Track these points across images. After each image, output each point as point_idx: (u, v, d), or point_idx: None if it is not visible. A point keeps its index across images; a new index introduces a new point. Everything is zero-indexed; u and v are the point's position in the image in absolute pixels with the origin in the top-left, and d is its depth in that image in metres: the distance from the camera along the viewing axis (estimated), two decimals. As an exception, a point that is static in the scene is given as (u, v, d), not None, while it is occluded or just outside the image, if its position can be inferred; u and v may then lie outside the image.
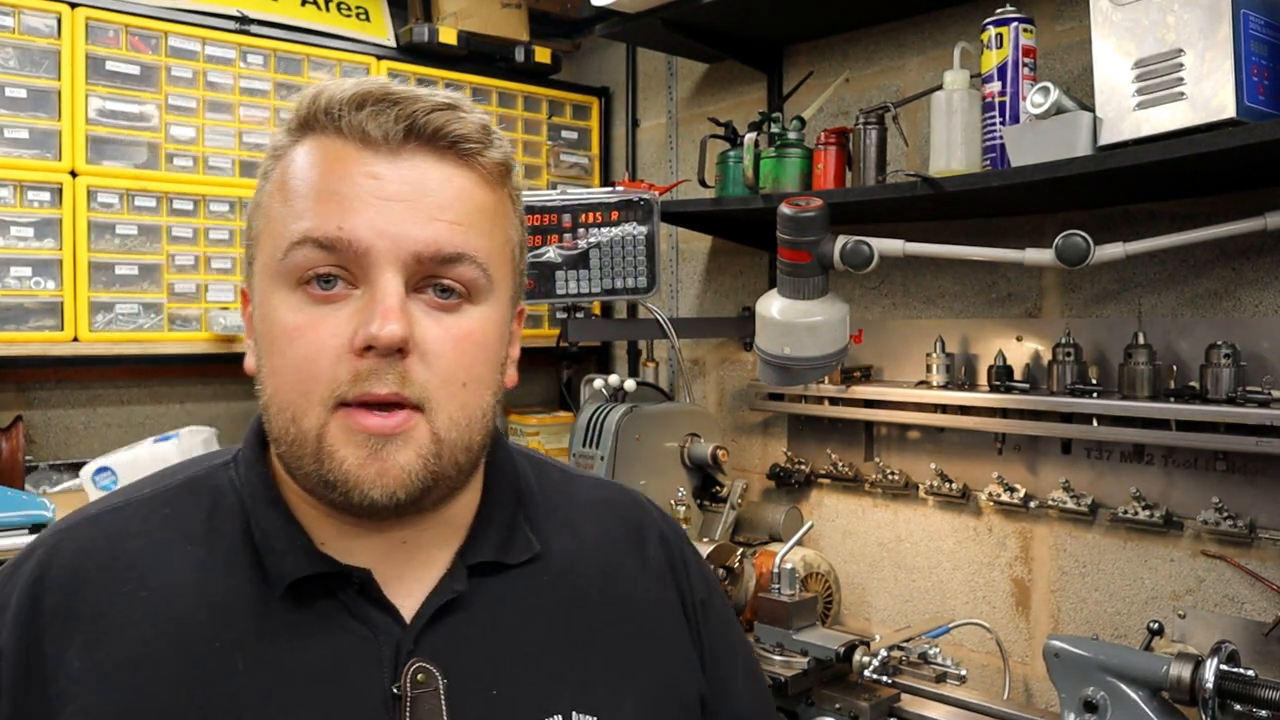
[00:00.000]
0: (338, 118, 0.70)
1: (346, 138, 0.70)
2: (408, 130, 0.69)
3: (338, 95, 0.70)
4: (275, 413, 0.70)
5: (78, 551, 0.73)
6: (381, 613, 0.72)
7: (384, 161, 0.69)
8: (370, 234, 0.68)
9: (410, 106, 0.69)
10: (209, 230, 2.32)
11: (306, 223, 0.68)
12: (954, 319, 2.09)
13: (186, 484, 0.78)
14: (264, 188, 0.74)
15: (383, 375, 0.67)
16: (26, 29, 2.10)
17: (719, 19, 2.29)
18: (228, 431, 2.55)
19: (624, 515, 0.90)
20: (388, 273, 0.68)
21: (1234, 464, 1.66)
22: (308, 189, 0.69)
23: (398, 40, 2.62)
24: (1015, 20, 1.67)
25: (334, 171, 0.69)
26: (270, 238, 0.71)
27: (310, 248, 0.68)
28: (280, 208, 0.71)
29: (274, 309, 0.70)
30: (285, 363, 0.69)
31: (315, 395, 0.68)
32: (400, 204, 0.69)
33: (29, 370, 2.29)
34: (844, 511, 2.30)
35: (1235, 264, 1.69)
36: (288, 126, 0.73)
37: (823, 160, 2.01)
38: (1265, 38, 1.38)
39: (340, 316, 0.68)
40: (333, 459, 0.68)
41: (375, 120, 0.69)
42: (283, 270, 0.69)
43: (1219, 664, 1.35)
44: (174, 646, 0.69)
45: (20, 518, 1.84)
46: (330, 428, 0.68)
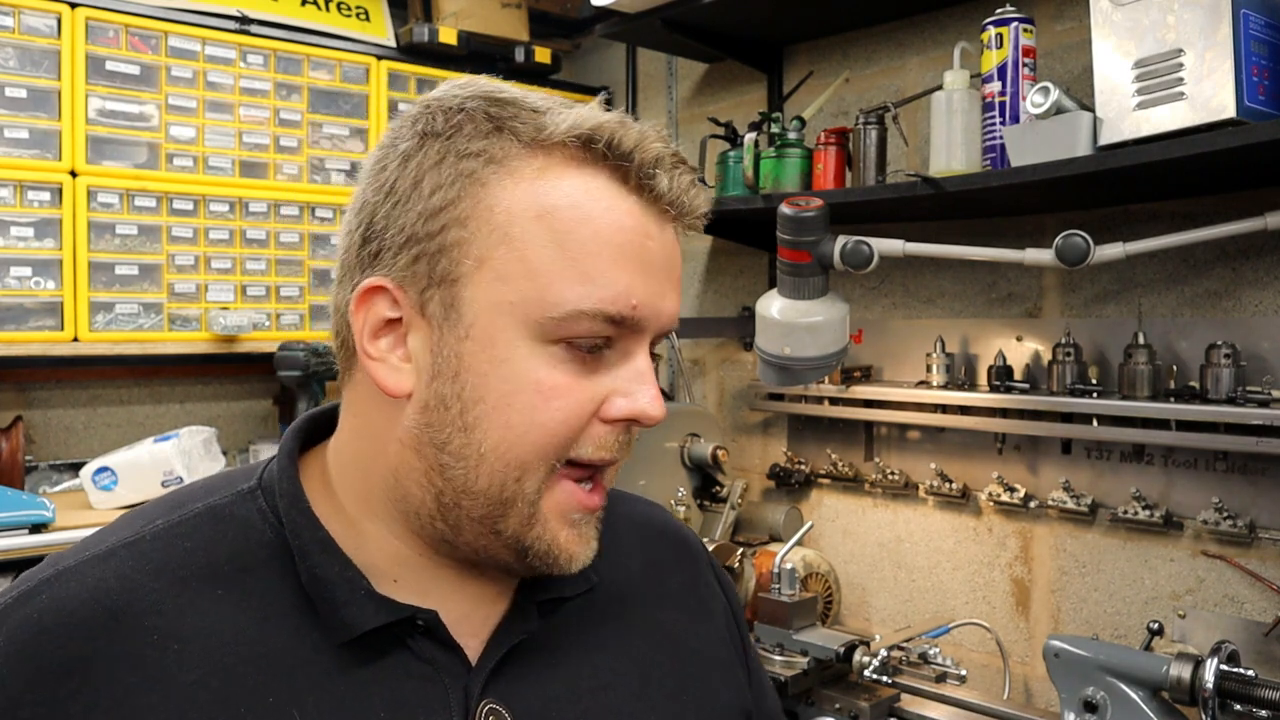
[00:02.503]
0: (642, 170, 0.65)
1: (630, 188, 0.65)
2: (687, 200, 0.67)
3: (646, 144, 0.65)
4: (497, 468, 0.64)
5: (86, 596, 0.64)
6: (448, 653, 0.68)
7: (657, 225, 0.67)
8: (649, 310, 0.66)
9: (687, 175, 0.67)
10: (209, 230, 2.32)
11: (599, 292, 0.63)
12: (954, 319, 2.09)
13: (207, 514, 0.70)
14: (492, 199, 0.64)
15: (624, 448, 0.68)
16: (26, 29, 2.10)
17: (719, 19, 2.29)
18: (227, 432, 2.55)
19: (664, 535, 0.88)
20: (646, 344, 0.67)
21: (1234, 464, 1.66)
22: (600, 248, 0.64)
23: (398, 40, 2.62)
24: (1015, 20, 1.67)
25: (627, 234, 0.65)
26: (533, 281, 0.63)
27: (601, 322, 0.64)
28: (551, 251, 0.63)
29: (519, 358, 0.64)
30: (531, 421, 0.64)
31: (553, 457, 0.65)
32: (664, 274, 0.67)
33: (29, 370, 2.29)
34: (844, 511, 2.30)
35: (1235, 264, 1.69)
36: (533, 136, 0.65)
37: (823, 160, 2.01)
38: (1265, 38, 1.38)
39: (600, 381, 0.66)
40: (546, 527, 0.66)
41: (672, 184, 0.66)
42: (548, 327, 0.63)
43: (1219, 664, 1.35)
44: (221, 703, 0.62)
45: (20, 518, 1.84)
46: (552, 494, 0.66)
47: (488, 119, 0.65)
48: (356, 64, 2.53)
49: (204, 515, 0.70)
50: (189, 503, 0.71)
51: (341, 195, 2.52)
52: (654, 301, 0.66)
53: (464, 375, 0.64)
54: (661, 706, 0.76)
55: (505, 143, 0.65)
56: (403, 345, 0.66)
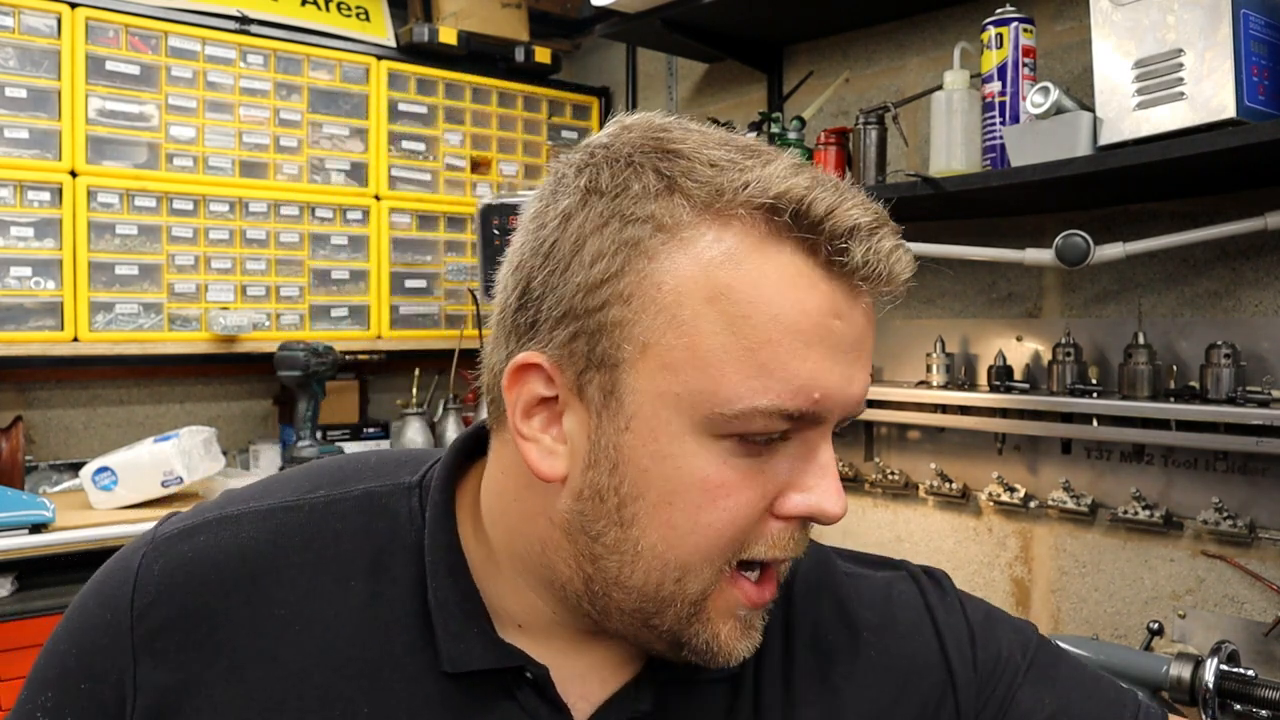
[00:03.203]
0: (825, 241, 0.56)
1: (819, 263, 0.56)
2: (885, 273, 0.58)
3: (840, 214, 0.56)
4: (656, 566, 0.58)
5: (235, 550, 0.64)
6: (553, 712, 0.64)
7: (848, 302, 0.57)
8: (835, 399, 0.57)
9: (887, 241, 0.57)
10: (209, 230, 2.32)
11: (781, 387, 0.55)
12: (954, 319, 2.09)
13: (365, 499, 0.68)
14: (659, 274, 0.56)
15: (799, 544, 0.61)
16: (26, 29, 2.10)
17: (719, 19, 2.29)
18: (227, 432, 2.55)
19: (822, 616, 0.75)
20: (829, 433, 0.59)
21: (1234, 464, 1.66)
22: (780, 335, 0.55)
23: (398, 40, 2.62)
24: (1015, 20, 1.67)
25: (810, 316, 0.56)
26: (703, 372, 0.56)
27: (779, 419, 0.56)
28: (724, 338, 0.55)
29: (684, 454, 0.57)
30: (695, 522, 0.57)
31: (719, 559, 0.59)
32: (850, 356, 0.58)
33: (29, 370, 2.29)
34: (844, 511, 2.30)
35: (1235, 264, 1.69)
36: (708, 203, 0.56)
37: (823, 160, 2.01)
38: (1265, 38, 1.38)
39: (773, 474, 0.58)
40: (709, 627, 0.60)
41: (865, 257, 0.56)
42: (717, 422, 0.56)
43: (1219, 664, 1.35)
44: (319, 699, 0.61)
45: (20, 518, 1.84)
46: (719, 592, 0.60)
47: (658, 176, 0.57)
48: (356, 64, 2.53)
49: (362, 499, 0.68)
50: (354, 481, 0.69)
51: (342, 195, 2.52)
52: (841, 388, 0.57)
53: (623, 468, 0.58)
54: None
55: (676, 207, 0.56)
56: (558, 425, 0.60)
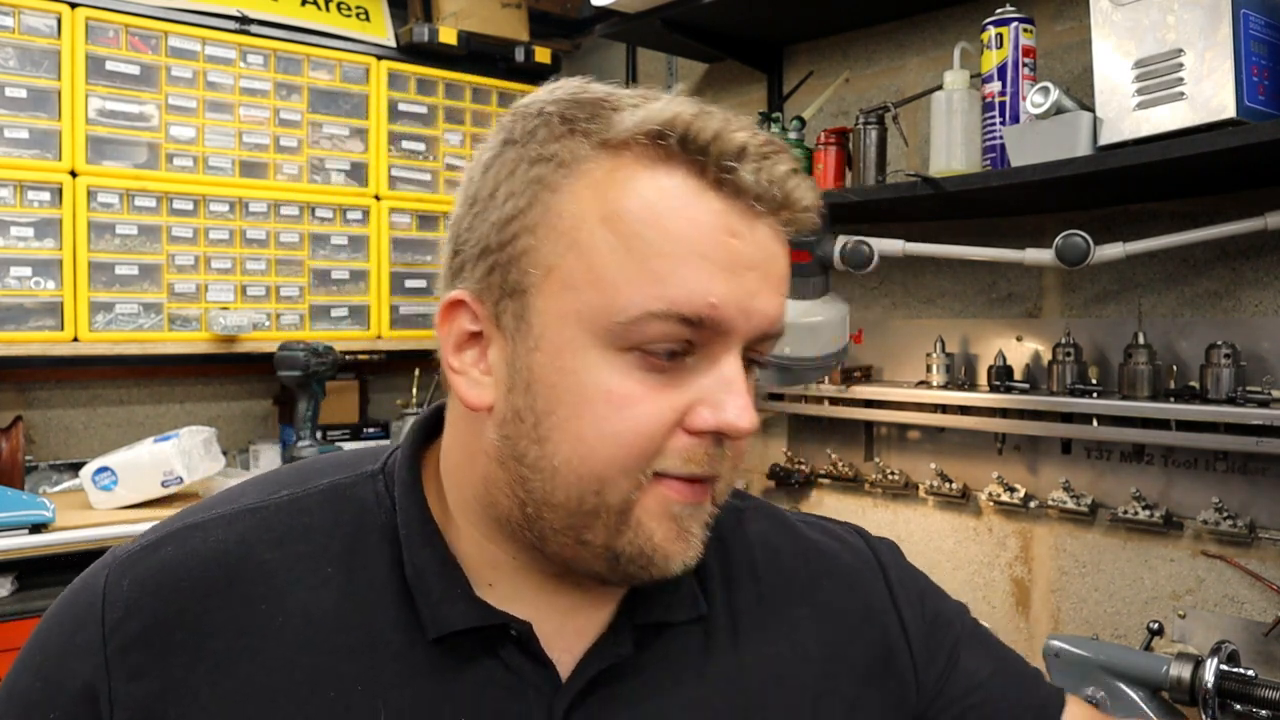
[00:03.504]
0: (720, 163, 0.60)
1: (708, 183, 0.60)
2: (778, 194, 0.61)
3: (725, 137, 0.60)
4: (570, 479, 0.62)
5: (207, 555, 0.66)
6: (538, 668, 0.66)
7: (745, 223, 0.61)
8: (733, 309, 0.60)
9: (781, 165, 0.61)
10: (209, 230, 2.32)
11: (672, 292, 0.59)
12: (954, 319, 2.09)
13: (330, 490, 0.71)
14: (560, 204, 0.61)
15: (715, 461, 0.63)
16: (26, 29, 2.10)
17: (719, 19, 2.29)
18: (227, 432, 2.55)
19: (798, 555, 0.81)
20: (735, 349, 0.62)
21: (1234, 464, 1.66)
22: (671, 247, 0.59)
23: (398, 40, 2.62)
24: (1015, 20, 1.67)
25: (703, 230, 0.60)
26: (599, 287, 0.60)
27: (674, 323, 0.59)
28: (619, 255, 0.60)
29: (587, 368, 0.60)
30: (602, 432, 0.60)
31: (634, 469, 0.61)
32: (756, 273, 0.61)
33: (29, 370, 2.29)
34: (844, 511, 2.30)
35: (1235, 264, 1.69)
36: (601, 136, 0.61)
37: (823, 160, 2.01)
38: (1265, 38, 1.38)
39: (680, 390, 0.61)
40: (640, 531, 0.62)
41: (756, 178, 0.60)
42: (618, 333, 0.60)
43: (1219, 664, 1.35)
44: (312, 684, 0.63)
45: (20, 518, 1.84)
46: (643, 499, 0.62)
47: (561, 121, 0.62)
48: (356, 64, 2.53)
49: (327, 492, 0.71)
50: (316, 478, 0.72)
51: (342, 195, 2.52)
52: (741, 301, 0.60)
53: (535, 386, 0.62)
54: None
55: (576, 144, 0.61)
56: (485, 359, 0.65)
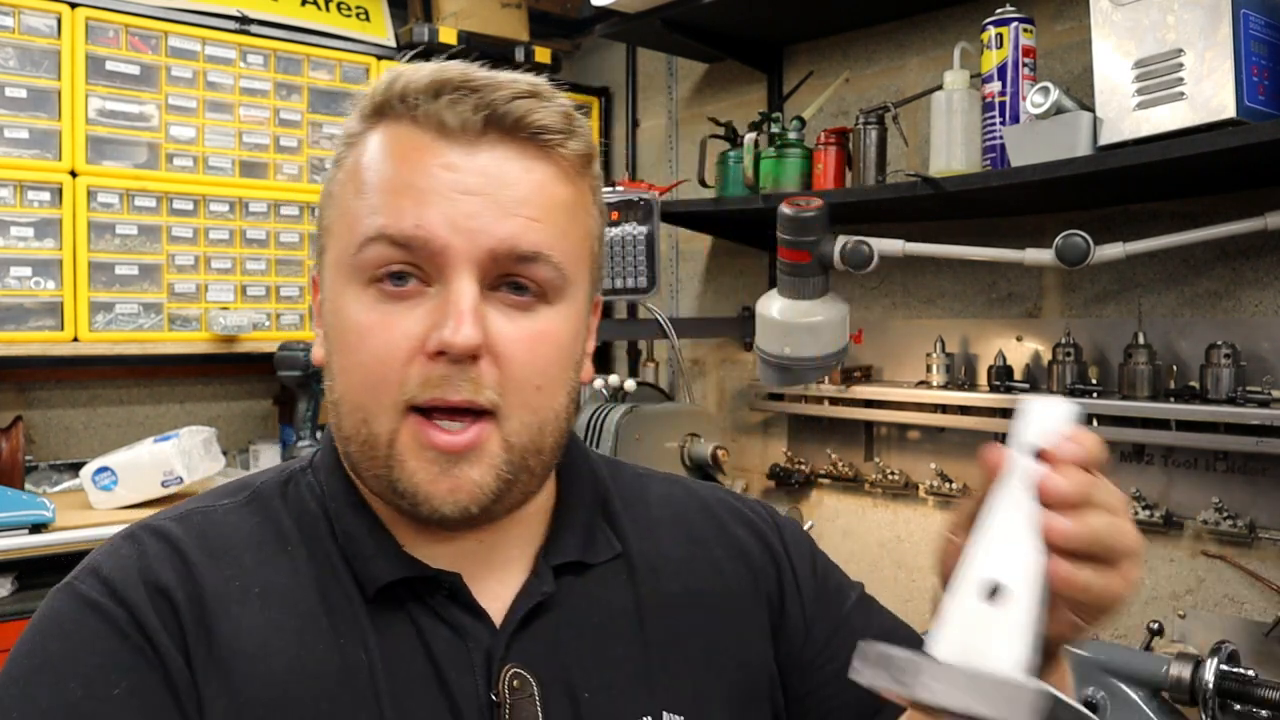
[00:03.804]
0: (414, 105, 0.66)
1: (422, 126, 0.66)
2: (487, 120, 0.66)
3: (414, 82, 0.67)
4: (347, 411, 0.68)
5: (179, 539, 0.69)
6: (471, 617, 0.70)
7: (461, 152, 0.66)
8: (447, 231, 0.64)
9: (490, 94, 0.66)
10: (209, 230, 2.32)
11: (381, 219, 0.65)
12: (954, 319, 2.09)
13: (268, 489, 0.75)
14: (336, 176, 0.71)
15: (455, 382, 0.64)
16: (26, 29, 2.10)
17: (719, 19, 2.29)
18: (227, 432, 2.55)
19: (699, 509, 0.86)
20: (463, 272, 0.65)
21: (1234, 464, 1.66)
22: (382, 182, 0.66)
23: (398, 40, 2.62)
24: (1015, 20, 1.67)
25: (409, 163, 0.66)
26: (343, 231, 0.68)
27: (384, 245, 0.65)
28: (353, 200, 0.68)
29: (345, 305, 0.67)
30: (356, 362, 0.66)
31: (387, 398, 0.65)
32: (478, 198, 0.65)
33: (29, 370, 2.29)
34: (844, 511, 2.30)
35: (1235, 264, 1.69)
36: (361, 112, 0.70)
37: (823, 160, 2.01)
38: (1265, 38, 1.38)
39: (413, 316, 0.65)
40: (403, 468, 0.66)
41: (453, 109, 0.65)
42: (355, 265, 0.66)
43: (1219, 664, 1.35)
44: (299, 643, 0.67)
45: (20, 518, 1.84)
46: (402, 435, 0.66)
47: (353, 103, 0.72)
48: (356, 64, 2.53)
49: (265, 491, 0.76)
50: (251, 484, 0.77)
51: (341, 195, 2.52)
52: (457, 223, 0.64)
53: (328, 332, 0.70)
54: (686, 675, 0.75)
55: (352, 121, 0.71)
56: (320, 320, 0.73)
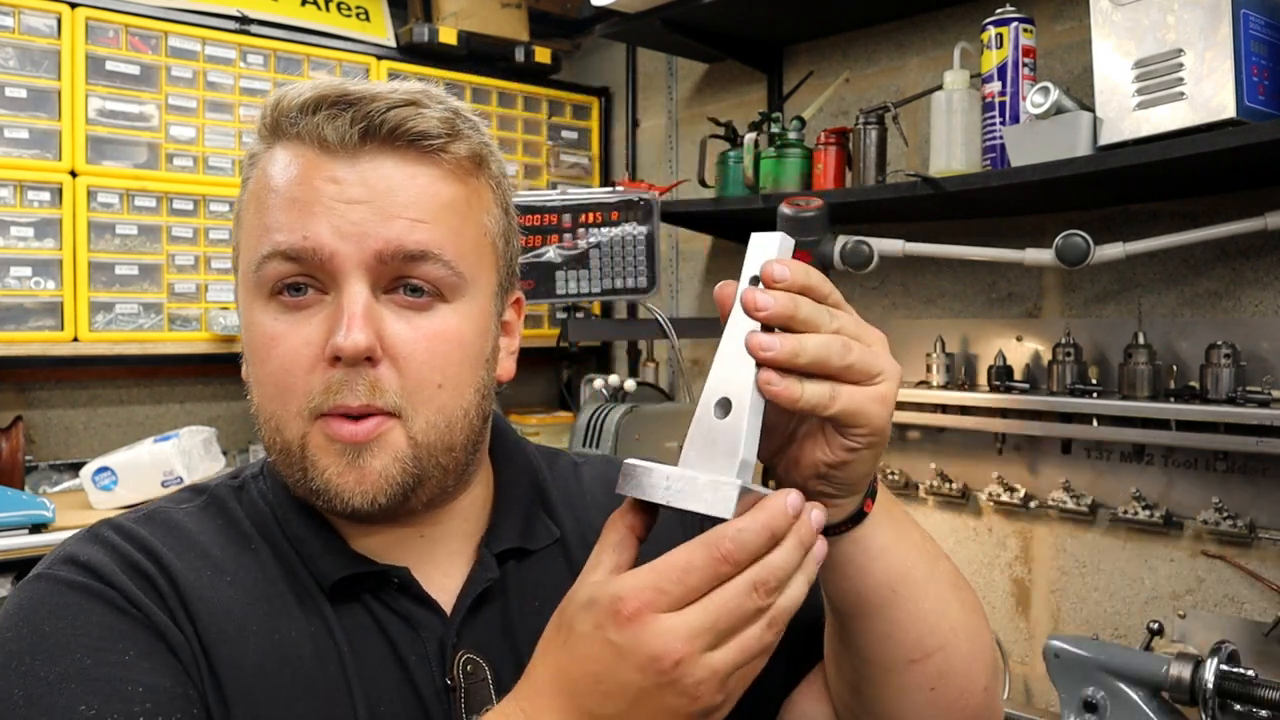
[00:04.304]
0: (296, 123, 0.69)
1: (306, 143, 0.69)
2: (364, 132, 0.68)
3: (294, 100, 0.70)
4: (262, 422, 0.71)
5: (149, 536, 0.71)
6: (423, 608, 0.73)
7: (343, 165, 0.68)
8: (332, 239, 0.67)
9: (366, 107, 0.68)
10: (209, 230, 2.32)
11: (275, 235, 0.68)
12: (954, 319, 2.09)
13: (225, 492, 0.78)
14: (241, 197, 0.74)
15: (354, 386, 0.67)
16: (26, 29, 2.10)
17: (719, 19, 2.29)
18: (227, 432, 2.55)
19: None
20: (353, 277, 0.67)
21: (1234, 464, 1.66)
22: (274, 199, 0.69)
23: (398, 40, 2.62)
24: (1015, 20, 1.67)
25: (296, 179, 0.69)
26: (246, 248, 0.71)
27: (279, 260, 0.68)
28: (253, 218, 0.71)
29: (253, 318, 0.70)
30: (266, 373, 0.69)
31: (293, 406, 0.68)
32: (361, 206, 0.67)
33: (29, 370, 2.29)
34: (844, 511, 2.30)
35: (1235, 264, 1.69)
36: (257, 133, 0.73)
37: (823, 160, 2.01)
38: (1265, 38, 1.38)
39: (312, 324, 0.68)
40: (314, 467, 0.68)
41: (331, 124, 0.68)
42: (257, 281, 0.69)
43: (1219, 664, 1.35)
44: (273, 627, 0.69)
45: (20, 518, 1.84)
46: (311, 437, 0.68)
47: (258, 125, 0.73)
48: (356, 64, 2.53)
49: (221, 494, 0.78)
50: (206, 488, 0.79)
51: (341, 195, 2.51)
52: (345, 231, 0.67)
53: (243, 347, 0.73)
54: None
55: (255, 144, 0.73)
56: None
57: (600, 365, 2.98)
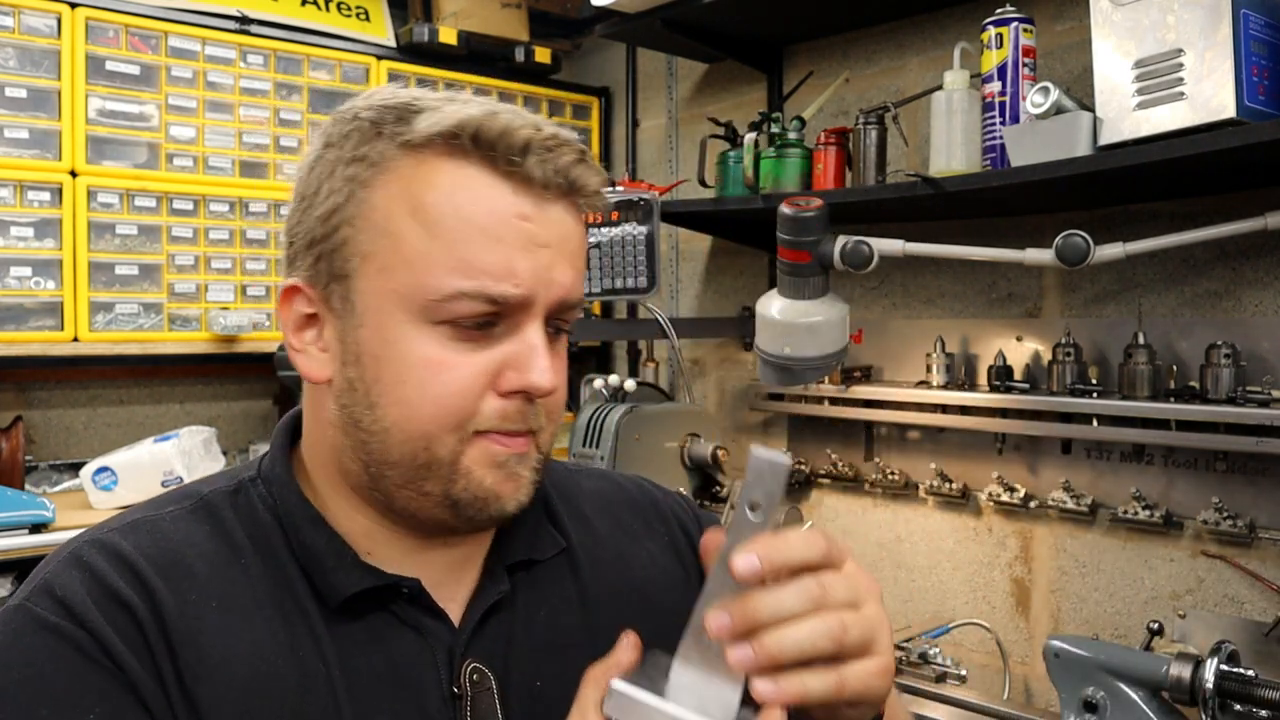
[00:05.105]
0: (489, 149, 0.68)
1: (501, 176, 0.69)
2: (565, 182, 0.70)
3: (491, 128, 0.68)
4: (400, 439, 0.70)
5: (131, 552, 0.69)
6: (432, 618, 0.74)
7: (532, 205, 0.70)
8: (531, 285, 0.69)
9: (565, 156, 0.70)
10: (209, 230, 2.32)
11: (480, 277, 0.67)
12: (954, 319, 2.09)
13: (217, 498, 0.76)
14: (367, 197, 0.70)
15: (526, 417, 0.71)
16: (26, 29, 2.10)
17: (719, 19, 2.29)
18: (227, 432, 2.55)
19: (634, 503, 0.92)
20: (536, 319, 0.70)
21: (1234, 464, 1.66)
22: (471, 233, 0.68)
23: (398, 40, 2.62)
24: (1015, 20, 1.67)
25: (497, 216, 0.68)
26: (411, 270, 0.68)
27: (479, 302, 0.68)
28: (425, 241, 0.68)
29: (406, 339, 0.69)
30: (423, 395, 0.69)
31: (457, 427, 0.69)
32: (546, 251, 0.70)
33: (29, 370, 2.29)
34: (844, 511, 2.30)
35: (1235, 264, 1.69)
36: (404, 139, 0.69)
37: (823, 160, 2.01)
38: (1265, 38, 1.38)
39: (487, 355, 0.70)
40: (469, 478, 0.70)
41: (541, 167, 0.69)
42: (433, 309, 0.68)
43: (1219, 664, 1.35)
44: (257, 654, 0.68)
45: (20, 518, 1.84)
46: (468, 453, 0.70)
47: (371, 125, 0.71)
48: (356, 64, 2.53)
49: (215, 500, 0.76)
50: (197, 493, 0.77)
51: (341, 195, 2.51)
52: (541, 275, 0.69)
53: (364, 359, 0.70)
54: None
55: (383, 146, 0.70)
56: (321, 337, 0.73)
57: (600, 365, 2.98)
